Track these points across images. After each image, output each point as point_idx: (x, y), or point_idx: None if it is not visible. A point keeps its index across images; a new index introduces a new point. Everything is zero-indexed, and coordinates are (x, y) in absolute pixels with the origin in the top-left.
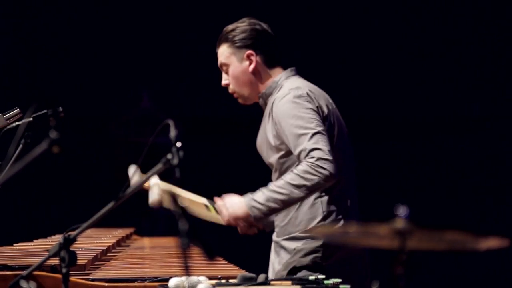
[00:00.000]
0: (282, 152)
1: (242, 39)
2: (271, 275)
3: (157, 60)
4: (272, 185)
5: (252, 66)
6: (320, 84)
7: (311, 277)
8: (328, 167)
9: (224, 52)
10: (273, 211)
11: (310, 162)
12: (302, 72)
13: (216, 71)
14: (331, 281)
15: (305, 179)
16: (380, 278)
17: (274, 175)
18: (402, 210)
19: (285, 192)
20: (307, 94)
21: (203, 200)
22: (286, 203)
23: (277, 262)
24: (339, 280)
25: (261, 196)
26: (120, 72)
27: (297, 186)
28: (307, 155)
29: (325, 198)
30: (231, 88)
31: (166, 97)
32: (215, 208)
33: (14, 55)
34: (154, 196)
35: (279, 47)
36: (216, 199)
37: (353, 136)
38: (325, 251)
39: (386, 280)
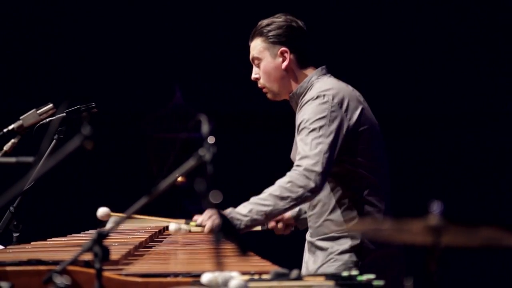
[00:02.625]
0: None
1: (277, 35)
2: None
3: (189, 55)
4: (255, 198)
5: (285, 63)
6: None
7: (344, 273)
8: (315, 178)
9: (257, 46)
10: (255, 222)
11: (296, 172)
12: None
13: (249, 66)
14: (365, 277)
15: (289, 190)
16: (413, 275)
17: None
18: (436, 206)
19: (268, 204)
20: (333, 98)
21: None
22: (270, 215)
23: (311, 261)
24: (373, 276)
25: (244, 208)
26: (152, 67)
27: (281, 198)
28: (296, 165)
29: (361, 200)
30: (261, 83)
31: (198, 92)
32: (196, 224)
33: (47, 51)
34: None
35: (312, 46)
36: (196, 216)
37: (385, 131)
38: (361, 250)
39: (420, 276)
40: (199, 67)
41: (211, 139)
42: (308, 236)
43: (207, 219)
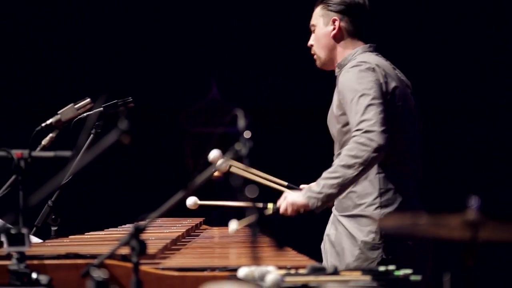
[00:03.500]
0: (342, 123)
1: (335, 3)
2: (327, 247)
3: (226, 50)
4: (325, 173)
5: (334, 31)
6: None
7: (381, 268)
8: (376, 137)
9: (316, 13)
10: (331, 197)
11: (357, 137)
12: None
13: (286, 60)
14: (402, 272)
15: (354, 156)
16: (451, 270)
17: (335, 147)
18: (474, 201)
19: (338, 175)
20: (373, 68)
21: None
22: (343, 186)
23: (333, 235)
24: (410, 271)
25: (316, 185)
26: (189, 62)
27: (349, 166)
28: (356, 129)
29: (383, 175)
30: (313, 49)
31: (235, 87)
32: (273, 207)
33: (85, 45)
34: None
35: (368, 23)
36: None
37: (425, 123)
38: (389, 244)
39: (457, 272)
40: (235, 62)
41: (247, 134)
42: (333, 209)
43: (282, 199)
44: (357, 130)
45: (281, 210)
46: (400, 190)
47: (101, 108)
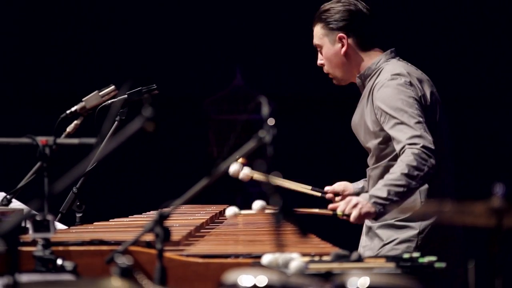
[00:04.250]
0: (381, 139)
1: (335, 20)
2: None
3: (250, 37)
4: (387, 180)
5: (344, 48)
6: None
7: (405, 255)
8: (432, 155)
9: (318, 33)
10: (393, 204)
11: (416, 150)
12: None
13: (310, 47)
14: (426, 259)
15: (417, 168)
16: (476, 257)
17: (370, 160)
18: (499, 188)
19: (403, 183)
20: (410, 82)
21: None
22: (405, 195)
23: (368, 248)
24: (434, 258)
25: (382, 191)
26: (213, 50)
27: (412, 177)
28: (411, 143)
29: (424, 187)
30: (325, 69)
31: (259, 74)
32: (342, 213)
33: (110, 32)
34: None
35: (376, 28)
36: (332, 206)
37: (450, 112)
38: (420, 240)
39: (482, 259)
40: (259, 49)
41: (271, 121)
42: (367, 221)
43: (351, 207)
44: (414, 143)
45: (353, 220)
46: (441, 195)
47: (126, 95)
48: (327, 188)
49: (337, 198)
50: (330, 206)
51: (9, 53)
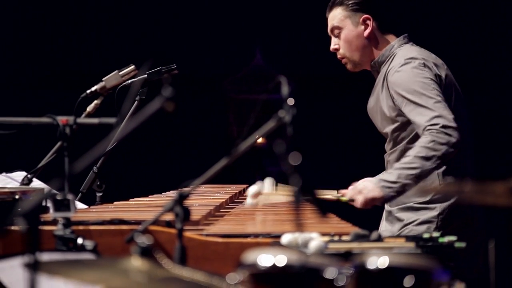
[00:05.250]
0: (398, 124)
1: (358, 2)
2: None
3: (269, 16)
4: (399, 164)
5: (367, 30)
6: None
7: (425, 235)
8: (454, 134)
9: (337, 15)
10: (405, 187)
11: (435, 131)
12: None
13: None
14: (446, 239)
15: (433, 149)
16: (496, 237)
17: (388, 145)
18: None
19: (416, 166)
20: (424, 63)
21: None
22: (418, 178)
23: (388, 231)
24: (455, 238)
25: (391, 175)
26: (233, 29)
27: (427, 158)
28: (430, 124)
29: (442, 169)
30: (340, 53)
31: (278, 54)
32: (346, 199)
33: (129, 12)
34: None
35: (394, 13)
36: (342, 191)
37: (468, 92)
38: (440, 221)
39: (502, 238)
40: (279, 29)
41: (290, 101)
42: (386, 205)
43: (357, 193)
44: (432, 124)
45: (359, 206)
46: (460, 175)
47: (145, 75)
48: (350, 188)
49: None
50: (341, 192)
51: (29, 33)
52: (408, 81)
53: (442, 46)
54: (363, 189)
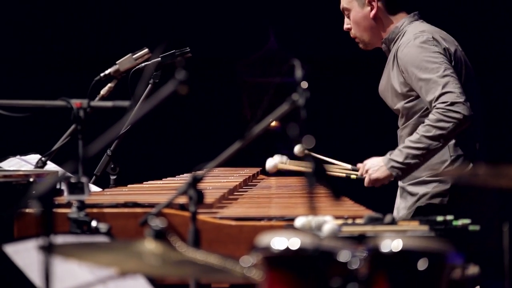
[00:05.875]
0: (409, 99)
1: None
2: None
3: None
4: (408, 142)
5: (373, 11)
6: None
7: (439, 218)
8: (461, 109)
9: None
10: (413, 167)
11: (441, 108)
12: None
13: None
14: (460, 222)
15: (440, 128)
16: (510, 220)
17: (400, 121)
18: None
19: (422, 146)
20: (433, 37)
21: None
22: (426, 157)
23: (402, 207)
24: (468, 221)
25: (399, 154)
26: (246, 12)
27: (434, 137)
28: (437, 101)
29: (453, 142)
30: (352, 33)
31: (292, 36)
32: (357, 177)
33: None
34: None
35: None
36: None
37: (479, 73)
38: (452, 194)
39: None
40: (292, 11)
41: (304, 84)
42: (400, 182)
43: (364, 172)
44: (441, 102)
45: (366, 184)
46: (470, 155)
47: (159, 58)
48: (359, 165)
49: None
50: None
51: (43, 16)
52: (417, 56)
53: (453, 25)
54: (369, 169)
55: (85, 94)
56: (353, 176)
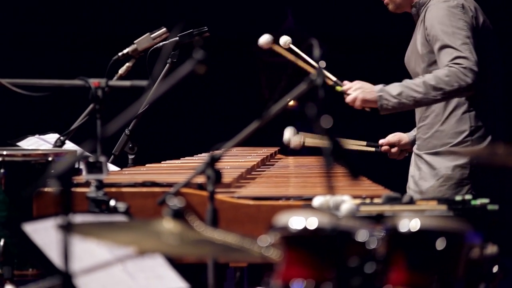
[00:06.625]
0: (428, 62)
1: None
2: (411, 186)
3: None
4: (408, 81)
5: None
6: None
7: (457, 198)
8: (472, 77)
9: None
10: (402, 106)
11: (454, 68)
12: None
13: None
14: (478, 201)
15: (445, 82)
16: None
17: None
18: None
19: (421, 91)
20: (462, 5)
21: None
22: (418, 103)
23: (417, 175)
24: (487, 200)
25: (395, 88)
26: None
27: (435, 88)
28: (453, 61)
29: (473, 112)
30: None
31: (310, 16)
32: (342, 89)
33: None
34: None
35: None
36: (345, 82)
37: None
38: (473, 167)
39: None
40: None
41: (322, 63)
42: (415, 149)
43: (354, 89)
44: (455, 63)
45: (348, 100)
46: (490, 127)
47: (177, 38)
48: (381, 141)
49: (392, 150)
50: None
51: None
52: (442, 20)
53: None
54: (360, 87)
55: (103, 73)
56: (338, 88)
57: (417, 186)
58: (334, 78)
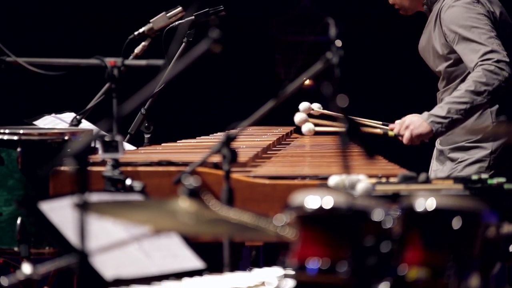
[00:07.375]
0: (451, 61)
1: None
2: None
3: None
4: (450, 98)
5: None
6: None
7: (474, 177)
8: (507, 68)
9: None
10: (455, 122)
11: (487, 65)
12: None
13: None
14: (495, 180)
15: (485, 84)
16: None
17: (441, 84)
18: None
19: (466, 100)
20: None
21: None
22: (469, 112)
23: (439, 171)
24: (504, 179)
25: (441, 110)
26: None
27: (478, 93)
28: (483, 59)
29: (495, 108)
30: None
31: None
32: (394, 133)
33: None
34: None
35: None
36: (391, 125)
37: None
38: (492, 160)
39: None
40: None
41: (338, 42)
42: (437, 144)
43: (404, 128)
44: (486, 59)
45: (406, 141)
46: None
47: (193, 17)
48: (397, 122)
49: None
50: (390, 126)
51: None
52: (460, 17)
53: None
54: (410, 124)
55: (119, 52)
56: (390, 133)
57: None
58: (381, 125)
